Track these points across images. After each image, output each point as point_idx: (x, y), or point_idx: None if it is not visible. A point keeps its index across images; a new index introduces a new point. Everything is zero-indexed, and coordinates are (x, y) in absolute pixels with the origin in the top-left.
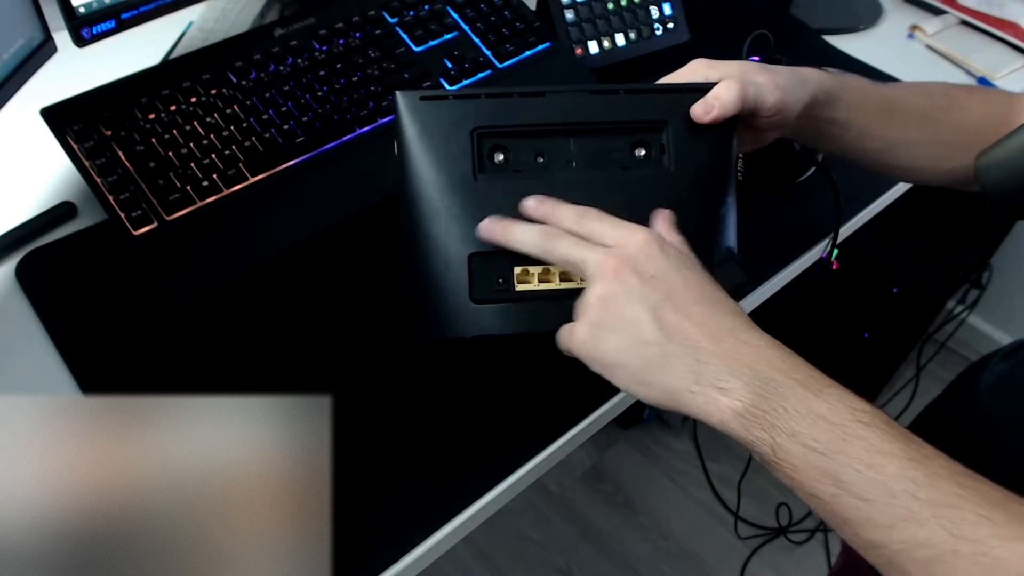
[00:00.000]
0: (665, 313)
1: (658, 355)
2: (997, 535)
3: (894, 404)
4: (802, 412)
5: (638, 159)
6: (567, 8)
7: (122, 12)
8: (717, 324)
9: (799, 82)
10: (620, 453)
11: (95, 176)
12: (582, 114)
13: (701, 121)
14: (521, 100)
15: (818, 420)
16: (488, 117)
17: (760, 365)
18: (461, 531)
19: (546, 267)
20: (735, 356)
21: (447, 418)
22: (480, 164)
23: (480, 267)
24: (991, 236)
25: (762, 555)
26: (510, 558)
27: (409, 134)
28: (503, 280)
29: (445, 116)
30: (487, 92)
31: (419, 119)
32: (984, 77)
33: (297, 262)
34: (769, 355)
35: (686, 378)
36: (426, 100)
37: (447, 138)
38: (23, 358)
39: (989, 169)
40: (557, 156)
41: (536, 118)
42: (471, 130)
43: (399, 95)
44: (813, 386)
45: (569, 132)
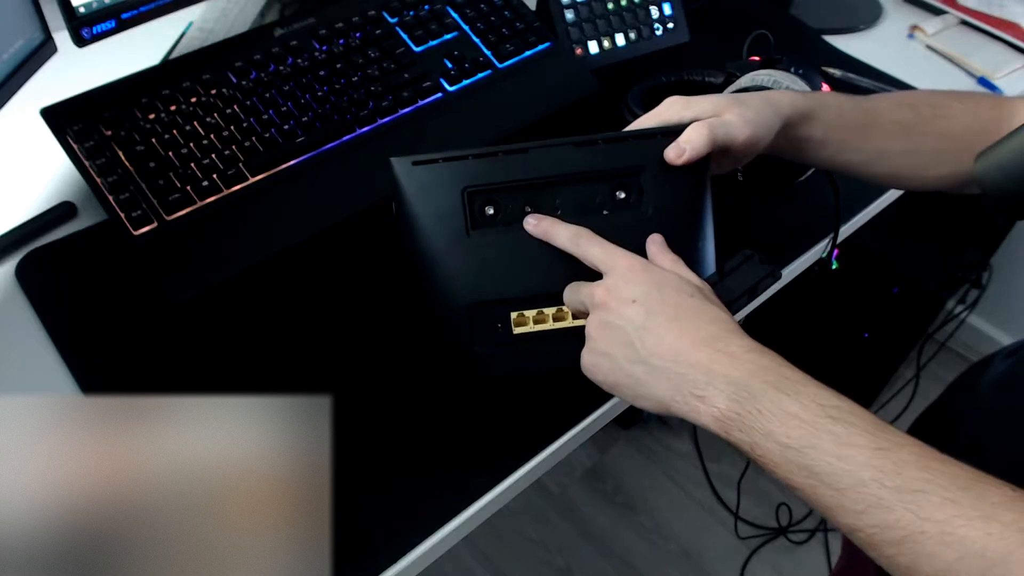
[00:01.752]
0: (645, 335)
1: (644, 373)
2: (961, 515)
3: (894, 404)
4: (775, 412)
5: (619, 202)
6: (567, 8)
7: (122, 12)
8: (693, 336)
9: (771, 110)
10: (620, 453)
11: (95, 176)
12: (564, 166)
13: (674, 163)
14: (506, 158)
15: (790, 419)
16: (476, 176)
17: (735, 372)
18: (461, 531)
19: (540, 310)
20: (710, 367)
21: (447, 418)
22: (472, 220)
23: (480, 316)
24: (991, 236)
25: (762, 555)
26: (510, 558)
27: (405, 197)
28: (501, 326)
29: (437, 178)
30: (473, 153)
31: (413, 182)
32: (984, 77)
33: (297, 262)
34: (744, 361)
35: (670, 391)
36: (418, 164)
37: (440, 198)
38: (23, 358)
39: (988, 170)
40: (544, 206)
41: (522, 174)
42: (462, 190)
43: (394, 162)
44: (786, 387)
45: (553, 184)
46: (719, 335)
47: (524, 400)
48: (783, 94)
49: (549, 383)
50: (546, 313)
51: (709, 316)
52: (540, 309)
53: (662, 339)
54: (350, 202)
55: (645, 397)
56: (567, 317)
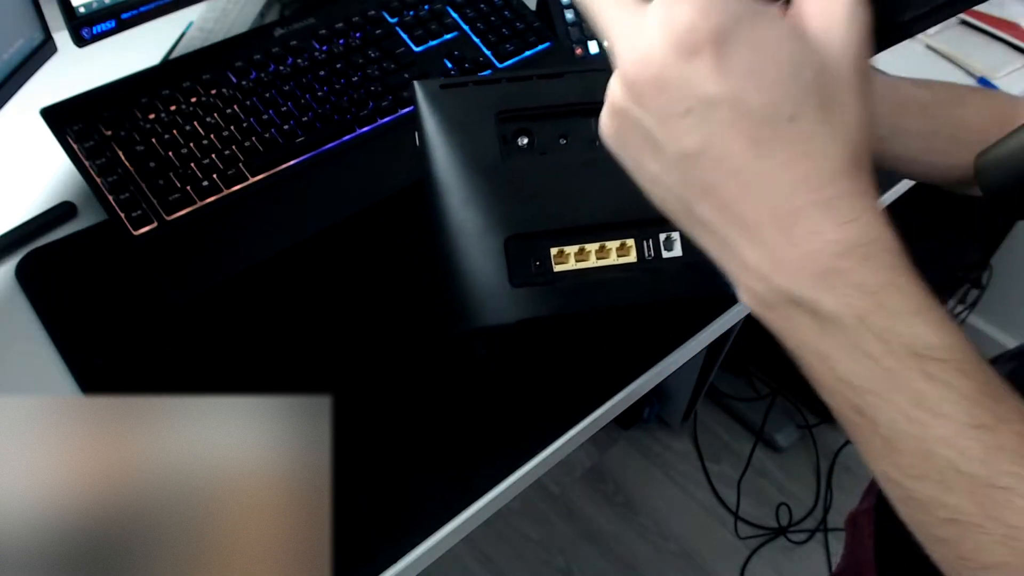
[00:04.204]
0: (686, 184)
1: (688, 227)
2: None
3: None
4: (843, 345)
5: None
6: (567, 8)
7: (122, 12)
8: (764, 209)
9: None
10: (620, 453)
11: (95, 176)
12: (602, 92)
13: None
14: (541, 82)
15: (862, 357)
16: (511, 100)
17: (804, 281)
18: (461, 531)
19: (582, 246)
20: (772, 265)
21: (447, 418)
22: (505, 147)
23: (517, 251)
24: (991, 236)
25: (762, 555)
26: (510, 558)
27: (432, 123)
28: (540, 262)
29: (467, 102)
30: (507, 76)
31: (441, 107)
32: (984, 77)
33: (297, 262)
34: (829, 259)
35: (711, 248)
36: (446, 88)
37: (471, 124)
38: (23, 358)
39: (989, 169)
40: (580, 136)
41: (558, 98)
42: (495, 114)
43: (418, 84)
44: (876, 317)
45: (590, 111)
46: (812, 205)
47: (524, 400)
48: None
49: (549, 383)
50: (588, 249)
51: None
52: (582, 245)
53: (721, 214)
54: (350, 202)
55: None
56: (611, 254)
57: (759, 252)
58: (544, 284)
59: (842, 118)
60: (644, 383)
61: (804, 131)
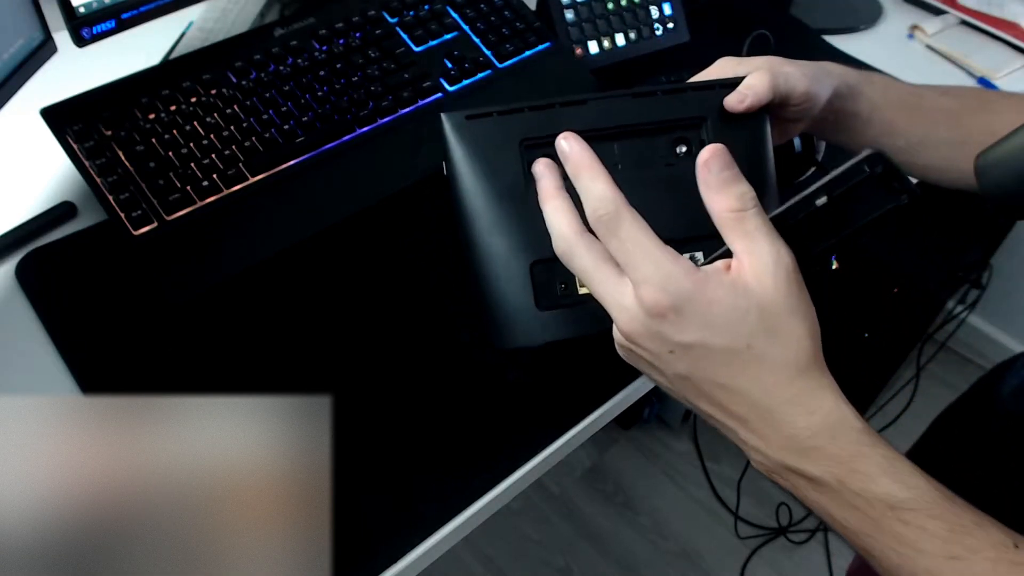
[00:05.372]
0: (687, 391)
1: (699, 414)
2: None
3: (894, 404)
4: (833, 500)
5: (680, 156)
6: (567, 8)
7: (122, 12)
8: (747, 408)
9: (824, 73)
10: (620, 453)
11: (95, 176)
12: (623, 117)
13: (735, 111)
14: (563, 109)
15: (851, 510)
16: (533, 129)
17: (791, 459)
18: (461, 531)
19: None
20: (765, 445)
21: (447, 418)
22: (529, 174)
23: (542, 275)
24: (991, 236)
25: (762, 555)
26: (510, 558)
27: (459, 153)
28: (565, 285)
29: (491, 132)
30: (530, 105)
31: (466, 138)
32: (984, 77)
33: (297, 262)
34: (804, 440)
35: (716, 425)
36: (472, 119)
37: (496, 153)
38: (23, 358)
39: (989, 169)
40: (603, 160)
41: (580, 125)
42: (519, 142)
43: (445, 117)
44: (853, 481)
45: (612, 136)
46: (781, 404)
47: (524, 400)
48: (832, 64)
49: (549, 383)
50: None
51: (768, 371)
52: None
53: (710, 406)
54: (350, 202)
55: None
56: None
57: (754, 436)
58: (570, 307)
59: (788, 337)
60: (644, 383)
61: (760, 354)
